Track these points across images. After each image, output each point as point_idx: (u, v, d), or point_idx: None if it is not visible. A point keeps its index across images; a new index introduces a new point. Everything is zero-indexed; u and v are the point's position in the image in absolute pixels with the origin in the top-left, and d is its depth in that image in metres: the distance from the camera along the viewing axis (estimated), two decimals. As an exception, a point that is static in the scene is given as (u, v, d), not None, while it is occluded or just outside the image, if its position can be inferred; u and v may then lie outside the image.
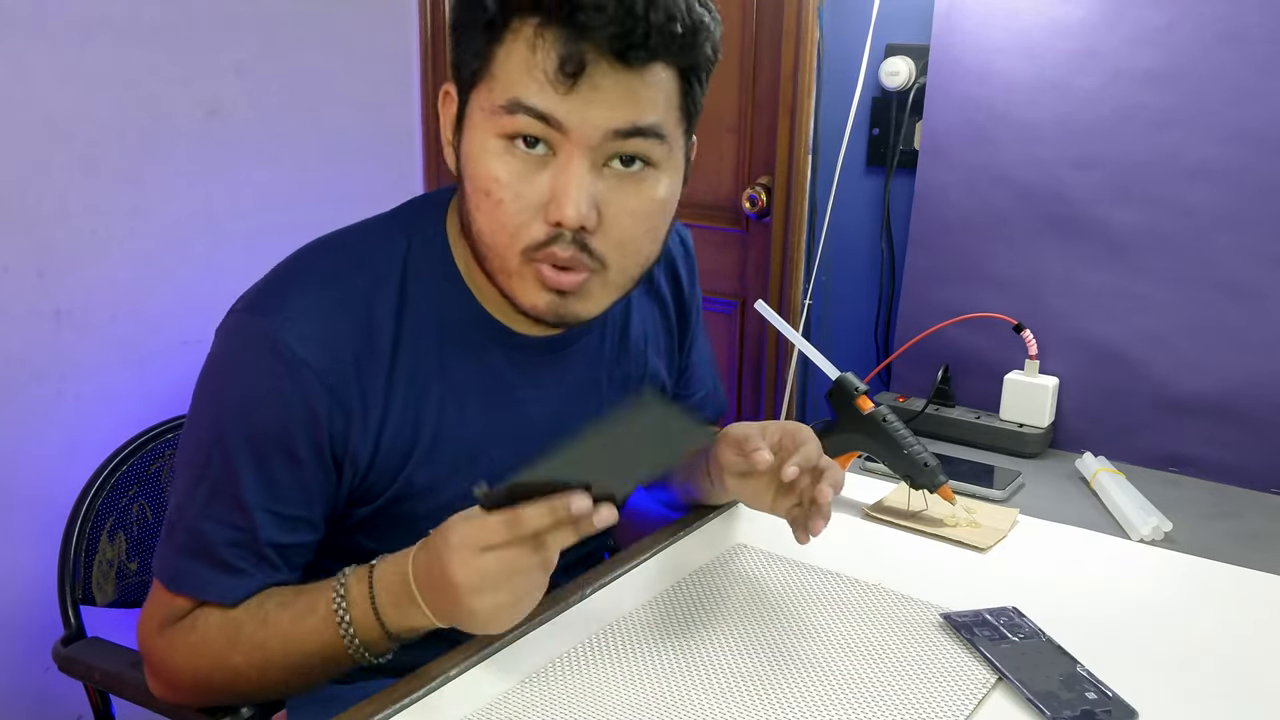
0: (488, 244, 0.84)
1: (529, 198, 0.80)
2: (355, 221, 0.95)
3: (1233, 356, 1.39)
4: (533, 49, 0.77)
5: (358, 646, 0.83)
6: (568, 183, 0.79)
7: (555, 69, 0.77)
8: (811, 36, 1.75)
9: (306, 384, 0.83)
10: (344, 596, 0.84)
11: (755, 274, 1.95)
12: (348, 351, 0.85)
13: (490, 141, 0.80)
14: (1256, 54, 1.33)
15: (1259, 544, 1.19)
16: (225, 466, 0.84)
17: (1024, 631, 0.92)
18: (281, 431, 0.83)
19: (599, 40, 0.76)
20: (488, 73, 0.80)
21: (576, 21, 0.75)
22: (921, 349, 1.58)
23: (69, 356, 1.58)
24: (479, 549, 0.75)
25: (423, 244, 0.90)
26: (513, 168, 0.80)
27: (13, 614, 1.57)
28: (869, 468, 1.33)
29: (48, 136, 1.52)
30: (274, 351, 0.82)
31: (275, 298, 0.86)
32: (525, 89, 0.78)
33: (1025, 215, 1.51)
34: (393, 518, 0.92)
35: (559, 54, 0.76)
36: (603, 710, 0.80)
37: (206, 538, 0.85)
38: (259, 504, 0.84)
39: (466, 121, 0.83)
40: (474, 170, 0.82)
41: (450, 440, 0.91)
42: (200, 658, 0.86)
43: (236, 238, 1.78)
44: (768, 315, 1.14)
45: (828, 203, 1.78)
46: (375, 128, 2.03)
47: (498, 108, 0.79)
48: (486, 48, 0.79)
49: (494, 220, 0.81)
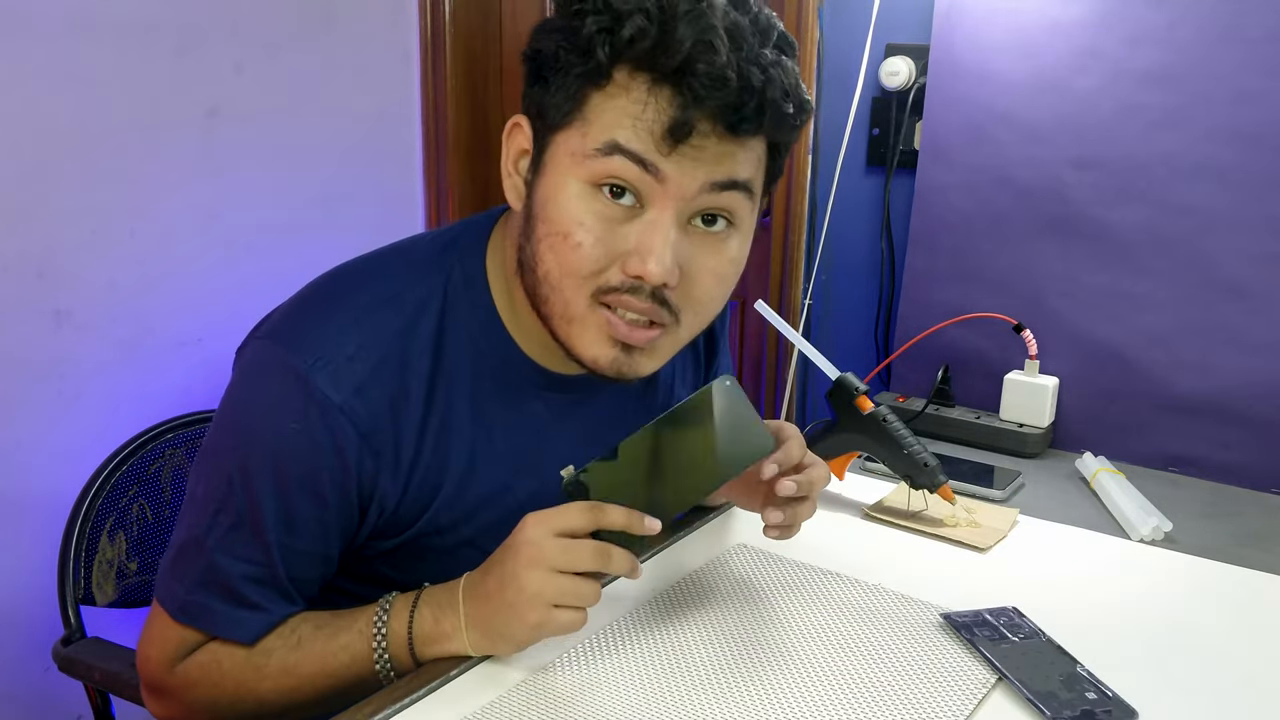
0: (554, 285, 0.81)
1: (610, 245, 0.78)
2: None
3: (1233, 356, 1.39)
4: (642, 106, 0.75)
5: (385, 661, 0.83)
6: (656, 237, 0.77)
7: (663, 131, 0.75)
8: (811, 36, 1.75)
9: (339, 430, 0.81)
10: (387, 611, 0.85)
11: (755, 274, 1.96)
12: (383, 396, 0.83)
13: (575, 185, 0.78)
14: (1256, 54, 1.33)
15: (1259, 544, 1.19)
16: (248, 500, 0.82)
17: (1024, 631, 0.92)
18: (309, 472, 0.82)
19: (712, 110, 0.75)
20: (581, 117, 0.77)
21: (692, 88, 0.74)
22: (921, 349, 1.58)
23: (69, 356, 1.58)
24: (554, 531, 0.79)
25: (463, 281, 0.88)
26: (597, 213, 0.78)
27: (13, 614, 1.56)
28: (869, 468, 1.33)
29: (48, 136, 1.51)
30: (306, 393, 0.80)
31: (306, 334, 0.83)
32: (625, 134, 0.76)
33: (1025, 215, 1.51)
34: (416, 550, 0.92)
35: (670, 118, 0.75)
36: (602, 710, 0.80)
37: (224, 570, 0.83)
38: (279, 540, 0.83)
39: (547, 163, 0.80)
40: (553, 213, 0.79)
41: (478, 477, 0.90)
42: (222, 691, 0.85)
43: (236, 238, 1.78)
44: (768, 315, 1.14)
45: (828, 203, 1.78)
46: (375, 128, 2.03)
47: (592, 151, 0.77)
48: (582, 92, 0.77)
49: (568, 262, 0.79)
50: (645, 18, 0.74)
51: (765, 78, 0.75)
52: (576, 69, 0.77)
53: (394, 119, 2.06)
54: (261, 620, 0.85)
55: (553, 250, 0.79)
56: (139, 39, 1.60)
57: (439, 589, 0.86)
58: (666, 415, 0.84)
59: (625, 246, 0.78)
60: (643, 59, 0.75)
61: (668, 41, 0.73)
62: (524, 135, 0.83)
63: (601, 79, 0.76)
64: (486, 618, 0.82)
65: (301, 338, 0.82)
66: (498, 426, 0.91)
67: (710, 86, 0.74)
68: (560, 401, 0.94)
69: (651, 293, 0.79)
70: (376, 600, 0.87)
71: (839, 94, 1.75)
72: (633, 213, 0.78)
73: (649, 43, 0.74)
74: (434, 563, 0.92)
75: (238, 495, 0.82)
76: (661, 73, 0.74)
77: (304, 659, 0.84)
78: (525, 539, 0.80)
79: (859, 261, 1.80)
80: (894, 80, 1.66)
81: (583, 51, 0.76)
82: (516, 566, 0.80)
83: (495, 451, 0.91)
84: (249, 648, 0.85)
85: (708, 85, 0.73)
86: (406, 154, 2.10)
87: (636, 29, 0.74)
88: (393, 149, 2.08)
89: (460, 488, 0.90)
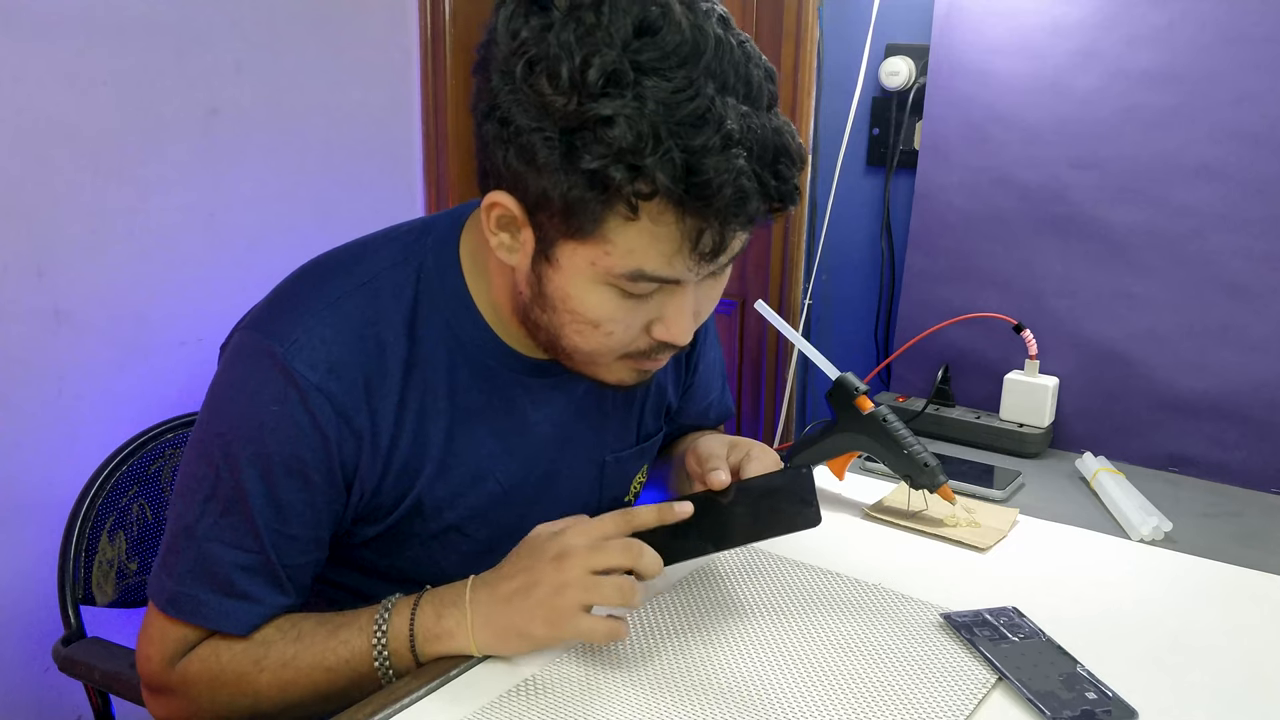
0: (584, 356, 0.85)
1: (637, 325, 0.82)
2: (354, 232, 0.95)
3: (1233, 356, 1.39)
4: (672, 242, 0.74)
5: (385, 659, 0.84)
6: (680, 314, 0.81)
7: (697, 258, 0.75)
8: (811, 36, 1.75)
9: (318, 409, 0.82)
10: (389, 609, 0.85)
11: (755, 274, 1.95)
12: (359, 376, 0.84)
13: (599, 288, 0.79)
14: (1256, 54, 1.33)
15: (1259, 544, 1.19)
16: (235, 485, 0.83)
17: (1024, 631, 0.92)
18: (293, 455, 0.83)
19: (742, 223, 0.75)
20: (600, 235, 0.75)
21: (724, 214, 0.73)
22: (921, 349, 1.58)
23: (69, 356, 1.58)
24: (584, 533, 0.82)
25: (436, 270, 0.89)
26: (623, 305, 0.80)
27: (13, 614, 1.56)
28: (869, 468, 1.33)
29: (48, 136, 1.51)
30: (285, 376, 0.82)
31: (283, 320, 0.85)
32: (651, 262, 0.76)
33: (1025, 215, 1.51)
34: (400, 535, 0.92)
35: (707, 246, 0.74)
36: (603, 710, 0.80)
37: (215, 558, 0.84)
38: (268, 524, 0.84)
39: (561, 262, 0.78)
40: (577, 306, 0.80)
41: (458, 461, 0.91)
42: (222, 686, 0.85)
43: (236, 238, 1.78)
44: (768, 315, 1.14)
45: (828, 202, 1.78)
46: (375, 128, 2.03)
47: (618, 275, 0.77)
48: (602, 212, 0.73)
49: (602, 345, 0.83)
50: (674, 166, 0.70)
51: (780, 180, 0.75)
52: (591, 198, 0.73)
53: (394, 119, 2.06)
54: (253, 611, 0.85)
55: (580, 335, 0.83)
56: (139, 39, 1.60)
57: (443, 589, 0.87)
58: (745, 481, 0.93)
59: (650, 317, 0.82)
60: (670, 196, 0.72)
61: (698, 182, 0.71)
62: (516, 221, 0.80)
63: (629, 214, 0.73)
64: (503, 618, 0.83)
65: (279, 324, 0.84)
66: (476, 411, 0.92)
67: (740, 204, 0.73)
68: (539, 386, 0.95)
69: None
70: (377, 598, 0.88)
71: (839, 94, 1.75)
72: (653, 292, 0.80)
73: (681, 188, 0.71)
74: (418, 548, 0.93)
75: (225, 482, 0.83)
76: (691, 212, 0.73)
77: (302, 652, 0.85)
78: (550, 537, 0.83)
79: (859, 261, 1.80)
80: (894, 80, 1.66)
81: (600, 181, 0.72)
82: (543, 566, 0.81)
83: (475, 436, 0.92)
84: (247, 640, 0.85)
85: (738, 205, 0.72)
86: (406, 154, 2.10)
87: (668, 181, 0.70)
88: (393, 149, 2.08)
89: (440, 470, 0.90)
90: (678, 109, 0.70)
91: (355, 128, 1.98)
